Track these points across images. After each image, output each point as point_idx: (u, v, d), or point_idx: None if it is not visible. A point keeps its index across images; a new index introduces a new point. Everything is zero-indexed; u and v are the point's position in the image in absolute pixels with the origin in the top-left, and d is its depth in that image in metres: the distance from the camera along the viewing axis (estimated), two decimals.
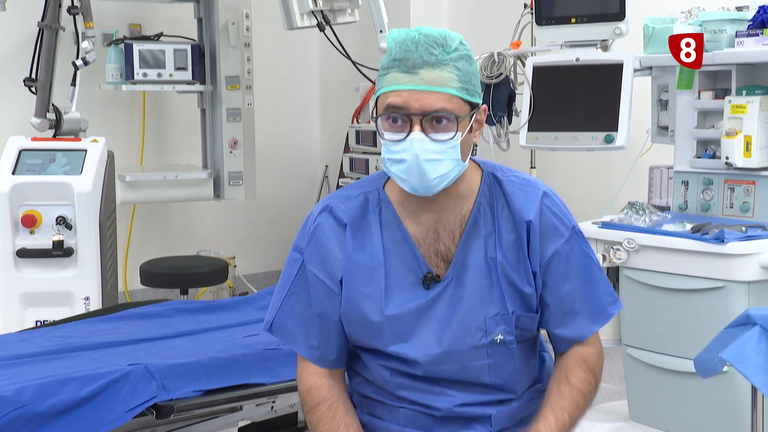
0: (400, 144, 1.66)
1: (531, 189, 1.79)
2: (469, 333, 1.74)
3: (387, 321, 1.75)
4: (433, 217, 1.77)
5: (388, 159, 1.69)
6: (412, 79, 1.65)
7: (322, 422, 1.78)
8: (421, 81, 1.65)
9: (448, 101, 1.65)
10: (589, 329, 1.81)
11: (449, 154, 1.67)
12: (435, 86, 1.65)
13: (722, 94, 2.96)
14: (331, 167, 5.74)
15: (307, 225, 1.82)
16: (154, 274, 4.34)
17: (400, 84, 1.65)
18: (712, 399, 2.77)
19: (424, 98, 1.64)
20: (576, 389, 1.77)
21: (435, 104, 1.64)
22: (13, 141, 3.69)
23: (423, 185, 1.68)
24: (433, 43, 1.67)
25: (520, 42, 3.72)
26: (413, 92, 1.64)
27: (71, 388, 2.00)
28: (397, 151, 1.67)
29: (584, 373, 1.79)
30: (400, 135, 1.66)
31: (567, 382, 1.78)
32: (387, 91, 1.67)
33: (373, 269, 1.76)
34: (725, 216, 2.93)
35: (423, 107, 1.64)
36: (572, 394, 1.76)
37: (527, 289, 1.76)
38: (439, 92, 1.65)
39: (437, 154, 1.66)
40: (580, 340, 1.80)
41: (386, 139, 1.68)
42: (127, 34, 4.84)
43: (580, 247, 1.79)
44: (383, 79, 1.69)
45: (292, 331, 1.83)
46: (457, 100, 1.67)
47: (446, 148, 1.66)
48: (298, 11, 3.91)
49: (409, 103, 1.64)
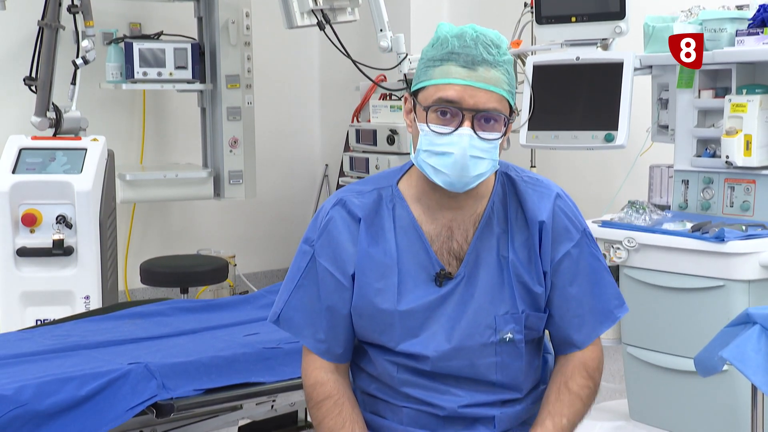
0: (446, 137, 1.66)
1: (544, 189, 1.80)
2: (478, 330, 1.75)
3: (399, 317, 1.75)
4: (449, 214, 1.77)
5: (428, 150, 1.68)
6: (469, 74, 1.65)
7: (328, 418, 1.78)
8: (478, 78, 1.65)
9: (499, 102, 1.67)
10: (594, 333, 1.81)
11: (491, 153, 1.69)
12: (491, 85, 1.66)
13: (722, 93, 2.96)
14: (331, 166, 5.74)
15: (319, 218, 1.81)
16: (154, 273, 4.34)
17: (457, 78, 1.66)
18: (712, 398, 2.77)
19: (478, 95, 1.65)
20: (575, 395, 1.77)
21: (488, 103, 1.66)
22: (13, 140, 3.69)
23: (461, 181, 1.68)
24: (491, 42, 1.68)
25: (520, 41, 3.72)
26: (469, 88, 1.65)
27: (71, 387, 2.00)
28: (441, 143, 1.67)
29: (583, 379, 1.79)
30: (447, 128, 1.67)
31: (566, 388, 1.78)
32: (440, 83, 1.67)
33: (386, 265, 1.76)
34: (725, 215, 2.93)
35: (477, 104, 1.65)
36: (571, 399, 1.77)
37: (537, 289, 1.76)
38: (493, 92, 1.66)
39: (482, 152, 1.67)
40: (583, 345, 1.80)
41: (433, 130, 1.67)
42: (127, 32, 4.84)
43: (589, 249, 1.80)
44: (434, 70, 1.68)
45: (299, 323, 1.82)
46: (505, 102, 1.69)
47: (490, 147, 1.68)
48: (298, 10, 3.91)
49: (463, 99, 1.65)
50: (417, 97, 1.71)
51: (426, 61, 1.71)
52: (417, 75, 1.73)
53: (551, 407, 1.76)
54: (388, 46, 3.77)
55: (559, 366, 1.83)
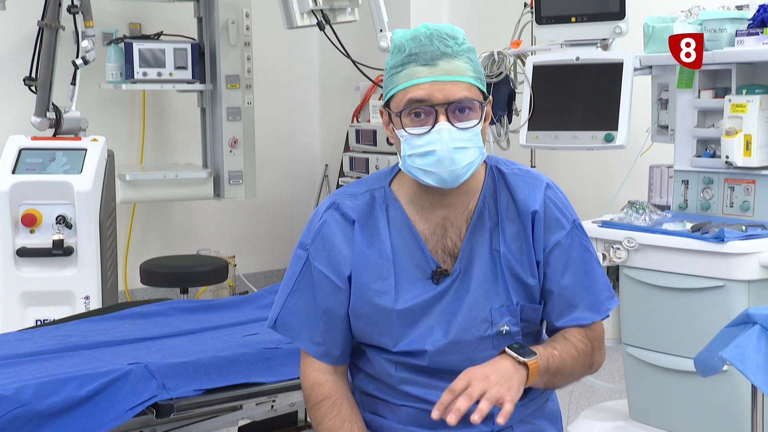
0: (425, 137, 1.68)
1: (534, 180, 1.81)
2: (475, 324, 1.75)
3: (397, 316, 1.75)
4: (442, 213, 1.78)
5: (412, 154, 1.70)
6: (432, 71, 1.67)
7: (327, 418, 1.78)
8: (440, 72, 1.67)
9: (468, 90, 1.68)
10: (589, 318, 1.80)
11: (474, 141, 1.70)
12: (455, 75, 1.67)
13: (722, 93, 2.96)
14: (331, 166, 5.74)
15: (313, 222, 1.82)
16: (154, 273, 4.34)
17: (420, 77, 1.67)
18: (712, 398, 2.77)
19: (446, 88, 1.66)
20: (570, 343, 1.76)
21: (457, 93, 1.67)
22: (13, 140, 3.70)
23: (452, 175, 1.69)
24: (446, 35, 1.70)
25: (520, 41, 3.72)
26: (435, 83, 1.66)
27: (71, 387, 2.00)
28: (422, 144, 1.68)
29: (582, 336, 1.78)
30: (424, 128, 1.68)
31: (562, 337, 1.77)
32: (406, 86, 1.68)
33: (382, 266, 1.77)
34: (725, 215, 2.93)
35: (447, 97, 1.66)
36: (566, 345, 1.76)
37: (530, 280, 1.77)
38: (459, 81, 1.67)
39: (464, 142, 1.68)
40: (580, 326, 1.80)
41: (410, 133, 1.69)
42: (127, 33, 4.84)
43: (580, 240, 1.81)
44: (398, 76, 1.70)
45: (296, 327, 1.83)
46: (474, 89, 1.70)
47: (471, 135, 1.69)
48: (298, 10, 3.91)
49: (432, 95, 1.66)
50: (390, 107, 1.73)
51: (389, 71, 1.73)
52: (385, 86, 1.75)
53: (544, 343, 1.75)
54: (388, 46, 3.77)
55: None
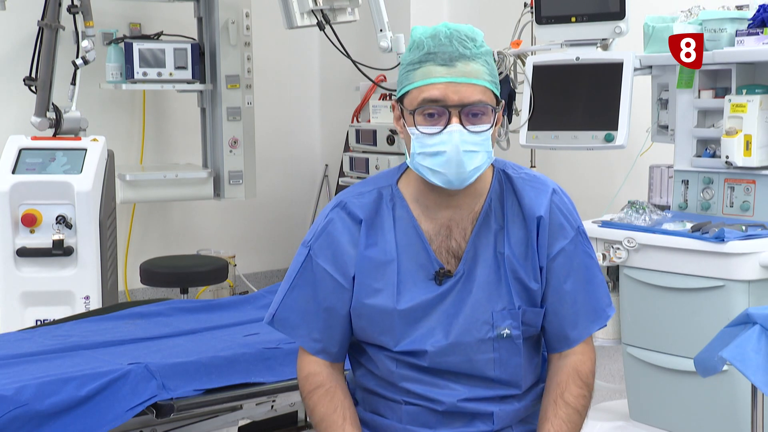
0: (437, 137, 1.68)
1: (541, 186, 1.81)
2: (476, 326, 1.76)
3: (398, 315, 1.75)
4: (447, 213, 1.78)
5: (422, 153, 1.70)
6: (449, 71, 1.67)
7: (320, 404, 1.79)
8: (458, 73, 1.66)
9: (483, 93, 1.68)
10: (587, 330, 1.82)
11: (484, 146, 1.70)
12: (472, 78, 1.67)
13: (722, 93, 2.96)
14: (331, 166, 5.74)
15: (319, 220, 1.83)
16: (154, 273, 4.34)
17: (437, 77, 1.67)
18: (712, 398, 2.77)
19: (462, 90, 1.66)
20: (572, 408, 1.78)
21: (472, 96, 1.67)
22: (13, 140, 3.70)
23: (459, 177, 1.69)
24: (465, 37, 1.69)
25: (520, 41, 3.72)
26: (451, 84, 1.66)
27: (71, 387, 2.00)
28: (433, 144, 1.68)
29: (578, 388, 1.79)
30: (436, 128, 1.68)
31: (563, 401, 1.78)
32: (422, 84, 1.68)
33: (385, 265, 1.77)
34: (725, 215, 2.93)
35: (461, 99, 1.66)
36: (568, 413, 1.77)
37: (533, 285, 1.77)
38: (475, 84, 1.67)
39: (474, 145, 1.68)
40: (576, 342, 1.81)
41: (422, 132, 1.69)
42: (127, 33, 4.84)
43: (583, 247, 1.81)
44: (414, 73, 1.70)
45: (294, 323, 1.83)
46: (489, 92, 1.70)
47: (482, 140, 1.69)
48: (298, 10, 3.91)
49: (447, 96, 1.66)
50: (403, 103, 1.73)
51: (406, 66, 1.72)
52: (399, 81, 1.75)
53: (549, 425, 1.76)
54: (388, 46, 3.77)
55: (552, 373, 1.83)
